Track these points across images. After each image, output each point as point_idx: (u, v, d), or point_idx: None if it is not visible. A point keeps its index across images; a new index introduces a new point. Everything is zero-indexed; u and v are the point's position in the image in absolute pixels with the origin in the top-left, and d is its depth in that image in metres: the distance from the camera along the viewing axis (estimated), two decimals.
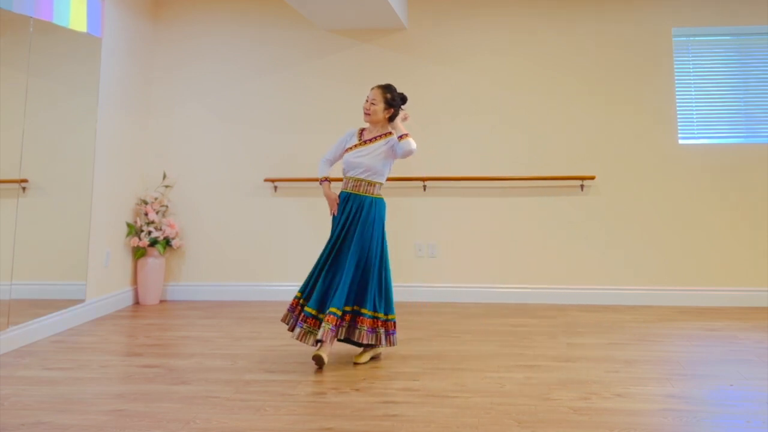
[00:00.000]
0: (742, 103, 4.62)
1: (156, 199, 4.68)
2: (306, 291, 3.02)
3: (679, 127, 4.59)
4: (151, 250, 4.56)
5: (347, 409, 2.36)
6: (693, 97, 4.65)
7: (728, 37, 4.68)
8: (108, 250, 4.28)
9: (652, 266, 4.50)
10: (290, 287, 4.70)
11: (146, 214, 4.58)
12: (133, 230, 4.53)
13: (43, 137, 3.59)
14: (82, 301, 3.96)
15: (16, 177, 3.37)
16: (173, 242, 4.61)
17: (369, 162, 3.02)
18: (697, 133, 4.63)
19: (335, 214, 3.10)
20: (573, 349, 3.22)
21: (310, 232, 4.74)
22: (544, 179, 4.55)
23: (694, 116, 4.64)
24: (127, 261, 4.57)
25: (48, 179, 3.65)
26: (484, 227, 4.63)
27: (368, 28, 4.83)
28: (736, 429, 2.17)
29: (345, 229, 3.00)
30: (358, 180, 3.04)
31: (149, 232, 4.53)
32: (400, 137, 2.99)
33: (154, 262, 4.56)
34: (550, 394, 2.54)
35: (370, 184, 3.04)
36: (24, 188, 3.44)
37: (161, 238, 4.55)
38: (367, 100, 3.10)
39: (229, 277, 4.76)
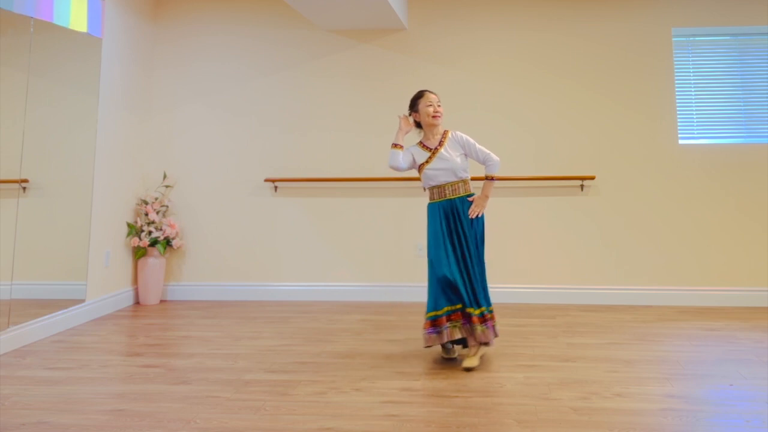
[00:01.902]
0: (742, 103, 4.62)
1: (156, 199, 4.68)
2: (450, 299, 2.97)
3: (679, 127, 4.60)
4: (151, 250, 4.57)
5: (347, 409, 2.37)
6: (693, 97, 4.65)
7: (728, 37, 4.68)
8: (108, 250, 4.29)
9: (652, 266, 4.50)
10: (290, 287, 4.70)
11: (147, 214, 4.58)
12: (134, 230, 4.53)
13: (43, 137, 3.60)
14: (82, 301, 3.96)
15: (16, 177, 3.38)
16: (173, 242, 4.62)
17: (454, 163, 3.06)
18: (697, 133, 4.63)
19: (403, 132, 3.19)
20: (573, 349, 3.22)
21: (311, 232, 4.74)
22: (543, 179, 4.55)
23: (694, 116, 4.64)
24: (128, 261, 4.57)
25: (48, 179, 3.65)
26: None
27: (368, 29, 4.83)
28: (736, 429, 2.17)
29: (463, 231, 3.02)
30: (453, 184, 3.08)
31: (150, 232, 4.53)
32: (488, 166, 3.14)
33: (154, 262, 4.56)
34: (550, 394, 2.54)
35: (464, 182, 3.10)
36: (24, 188, 3.44)
37: (162, 238, 4.56)
38: (431, 104, 3.11)
39: (230, 277, 4.76)
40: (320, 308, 4.34)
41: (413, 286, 4.61)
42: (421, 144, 3.18)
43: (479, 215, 3.06)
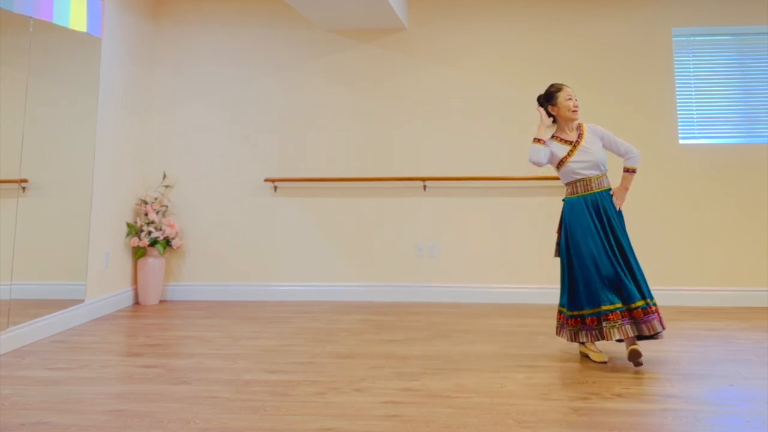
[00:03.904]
0: (742, 103, 4.62)
1: (156, 199, 4.68)
2: (610, 298, 2.89)
3: (679, 127, 4.59)
4: (151, 250, 4.56)
5: (347, 409, 2.37)
6: (693, 97, 4.65)
7: (728, 37, 4.68)
8: (108, 250, 4.28)
9: (651, 266, 4.48)
10: (290, 287, 4.70)
11: (146, 214, 4.58)
12: (133, 230, 4.53)
13: (43, 137, 3.60)
14: (82, 301, 3.95)
15: (16, 177, 3.37)
16: (173, 242, 4.61)
17: (598, 155, 3.05)
18: (698, 133, 4.63)
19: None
20: (573, 349, 3.22)
21: (311, 232, 4.74)
22: (544, 179, 4.54)
23: (695, 116, 4.64)
24: (127, 261, 4.57)
25: (48, 179, 3.65)
26: (484, 227, 4.63)
27: (368, 29, 4.83)
28: (736, 429, 2.17)
29: (613, 225, 3.00)
30: (598, 178, 3.06)
31: (149, 232, 4.53)
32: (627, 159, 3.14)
33: (154, 262, 4.55)
34: (550, 394, 2.54)
35: (605, 175, 3.10)
36: (24, 188, 3.44)
37: (161, 238, 4.55)
38: (571, 98, 3.09)
39: (229, 277, 4.76)
40: (320, 308, 4.34)
41: (413, 286, 4.61)
42: (558, 138, 3.12)
43: (621, 207, 3.06)
